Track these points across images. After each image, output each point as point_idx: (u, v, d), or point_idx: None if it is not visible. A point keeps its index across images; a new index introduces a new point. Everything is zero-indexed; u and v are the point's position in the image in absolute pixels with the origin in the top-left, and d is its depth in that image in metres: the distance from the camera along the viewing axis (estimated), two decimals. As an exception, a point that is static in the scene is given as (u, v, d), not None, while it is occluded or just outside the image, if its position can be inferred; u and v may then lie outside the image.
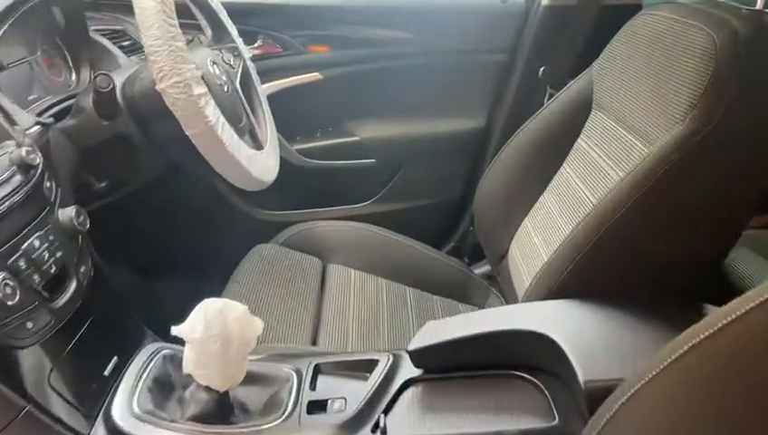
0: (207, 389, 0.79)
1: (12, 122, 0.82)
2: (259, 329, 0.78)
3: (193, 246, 1.42)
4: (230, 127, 0.96)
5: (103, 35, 1.24)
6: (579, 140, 1.08)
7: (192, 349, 0.76)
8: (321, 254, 1.32)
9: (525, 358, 0.82)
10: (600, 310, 0.83)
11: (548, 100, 1.34)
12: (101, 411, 0.77)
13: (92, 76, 0.92)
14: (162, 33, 0.85)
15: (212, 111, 0.90)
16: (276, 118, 1.26)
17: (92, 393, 0.78)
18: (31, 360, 0.71)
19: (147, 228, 1.33)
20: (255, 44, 1.45)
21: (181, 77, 0.86)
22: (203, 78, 0.95)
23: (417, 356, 0.83)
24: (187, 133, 0.89)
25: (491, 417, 0.77)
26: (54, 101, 1.05)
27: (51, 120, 0.95)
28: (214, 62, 1.05)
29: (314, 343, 1.07)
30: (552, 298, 0.89)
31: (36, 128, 0.90)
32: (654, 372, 0.43)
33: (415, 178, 1.58)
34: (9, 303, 0.66)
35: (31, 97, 1.05)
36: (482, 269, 1.47)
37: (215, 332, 0.75)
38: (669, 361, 0.42)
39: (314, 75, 1.47)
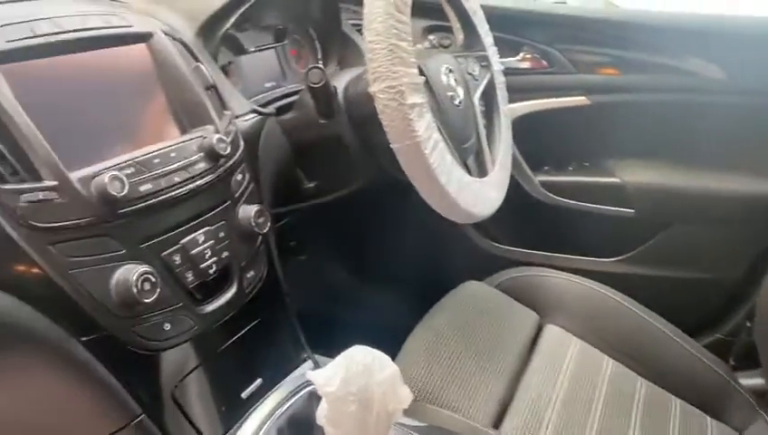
0: (339, 450, 0.66)
1: (222, 107, 0.79)
2: (406, 402, 0.63)
3: (396, 264, 1.31)
4: (446, 146, 0.82)
5: (358, 30, 1.18)
6: None
7: (325, 406, 0.63)
8: (541, 308, 1.11)
9: None
10: None
11: None
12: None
13: (307, 71, 0.85)
14: (384, 30, 0.73)
15: (424, 126, 0.76)
16: (522, 142, 1.09)
17: (220, 417, 0.70)
18: (159, 365, 0.65)
19: (350, 236, 1.26)
20: (518, 57, 1.28)
21: (395, 81, 0.73)
22: (426, 86, 0.82)
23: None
24: (391, 146, 0.77)
25: None
26: (287, 91, 1.01)
27: (272, 110, 0.91)
28: (450, 70, 0.91)
29: (496, 425, 0.87)
30: None
31: (251, 116, 0.86)
32: None
33: (683, 241, 1.26)
34: (145, 300, 0.60)
35: (268, 84, 1.03)
36: (751, 381, 1.10)
37: (353, 389, 0.62)
38: None
39: (580, 99, 1.25)
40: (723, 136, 1.19)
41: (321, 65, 0.87)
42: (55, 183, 0.57)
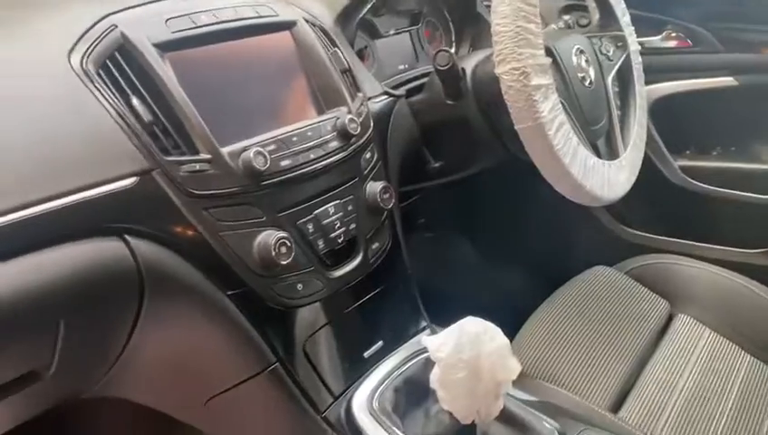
0: (451, 414, 0.70)
1: (356, 89, 0.84)
2: (514, 373, 0.65)
3: (521, 245, 1.31)
4: (572, 127, 0.82)
5: (491, 12, 1.19)
6: None
7: (437, 372, 0.67)
8: (673, 298, 1.08)
9: None
10: None
11: None
12: (344, 394, 0.75)
13: (435, 54, 0.88)
14: (511, 12, 0.75)
15: (549, 107, 0.77)
16: (662, 124, 1.05)
17: (343, 372, 0.77)
18: (292, 321, 0.73)
19: (476, 216, 1.27)
20: (661, 36, 1.22)
21: (519, 63, 0.75)
22: (554, 66, 0.83)
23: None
24: (515, 127, 0.78)
25: None
26: (419, 73, 1.05)
27: (402, 92, 0.95)
28: (581, 51, 0.91)
29: (615, 409, 0.87)
30: None
31: (382, 98, 0.91)
32: None
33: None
34: (282, 262, 0.67)
35: (401, 66, 1.07)
36: None
37: (463, 357, 0.66)
38: None
39: (727, 80, 1.17)
40: None
41: (448, 48, 0.90)
42: (209, 156, 0.65)
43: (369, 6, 0.94)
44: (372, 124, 0.83)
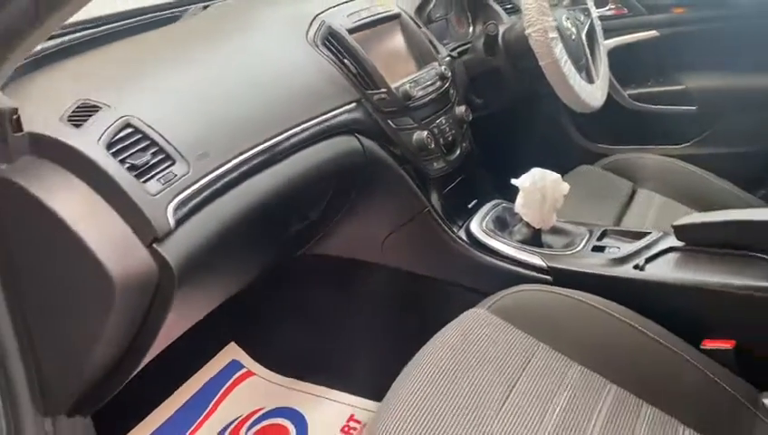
0: (528, 225, 1.24)
1: (437, 52, 1.37)
2: (565, 190, 1.20)
3: (526, 152, 1.84)
4: (571, 63, 1.37)
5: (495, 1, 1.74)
6: None
7: (522, 195, 1.21)
8: (634, 180, 1.64)
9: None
10: None
11: None
12: (465, 226, 1.29)
13: (485, 25, 1.42)
14: (533, -6, 1.29)
15: (559, 51, 1.32)
16: (613, 67, 1.61)
17: (460, 215, 1.31)
18: (435, 183, 1.26)
19: (506, 132, 1.79)
20: (607, 7, 1.80)
21: (542, 25, 1.29)
22: (557, 28, 1.38)
23: (680, 231, 1.13)
24: (540, 63, 1.33)
25: (732, 269, 1.03)
26: (457, 45, 1.59)
27: (456, 54, 1.49)
28: (567, 18, 1.46)
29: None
30: None
31: (448, 58, 1.44)
32: None
33: (738, 125, 1.75)
34: (430, 146, 1.20)
35: (444, 41, 1.61)
36: None
37: (538, 186, 1.19)
38: None
39: (652, 33, 1.77)
40: (757, 46, 1.69)
41: (494, 21, 1.44)
42: (384, 90, 1.17)
43: (432, 4, 1.47)
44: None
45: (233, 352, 1.51)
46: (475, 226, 1.28)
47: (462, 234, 1.27)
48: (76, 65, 0.93)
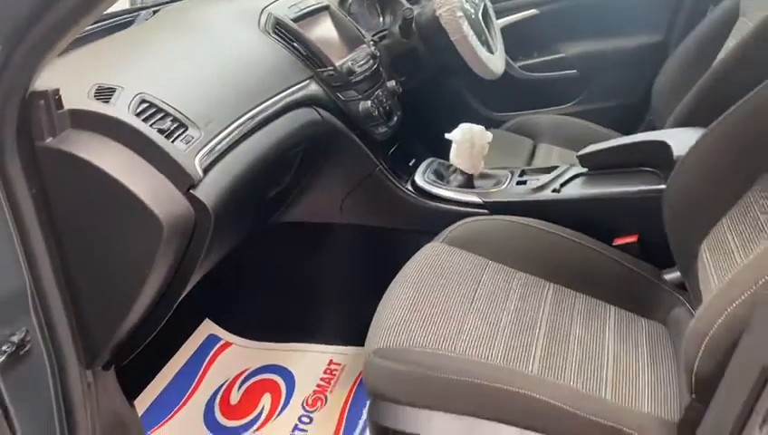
0: (462, 172, 1.47)
1: (363, 36, 1.58)
2: (489, 137, 1.44)
3: (435, 120, 2.07)
4: (476, 38, 1.62)
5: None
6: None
7: (455, 147, 1.44)
8: (533, 137, 1.91)
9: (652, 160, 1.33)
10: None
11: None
12: (410, 180, 1.50)
13: (402, 10, 1.64)
14: (441, -19, 1.53)
15: (466, 27, 1.57)
16: (506, 43, 1.89)
17: (403, 173, 1.52)
18: (379, 145, 1.46)
19: (426, 103, 2.02)
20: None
21: (450, 6, 1.53)
22: (462, 8, 1.62)
23: (584, 159, 1.40)
24: (452, 39, 1.56)
25: (628, 181, 1.32)
26: (374, 32, 1.80)
27: (377, 39, 1.70)
28: (467, 1, 1.72)
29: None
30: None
31: (371, 42, 1.65)
32: None
33: (604, 83, 2.10)
34: (374, 114, 1.41)
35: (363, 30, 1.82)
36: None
37: (467, 137, 1.43)
38: None
39: (533, 12, 2.08)
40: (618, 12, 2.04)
41: (411, 7, 1.66)
42: (331, 68, 1.36)
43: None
44: (375, 55, 1.58)
45: (209, 327, 1.63)
46: (419, 178, 1.49)
47: (409, 187, 1.48)
48: (72, 60, 1.05)
